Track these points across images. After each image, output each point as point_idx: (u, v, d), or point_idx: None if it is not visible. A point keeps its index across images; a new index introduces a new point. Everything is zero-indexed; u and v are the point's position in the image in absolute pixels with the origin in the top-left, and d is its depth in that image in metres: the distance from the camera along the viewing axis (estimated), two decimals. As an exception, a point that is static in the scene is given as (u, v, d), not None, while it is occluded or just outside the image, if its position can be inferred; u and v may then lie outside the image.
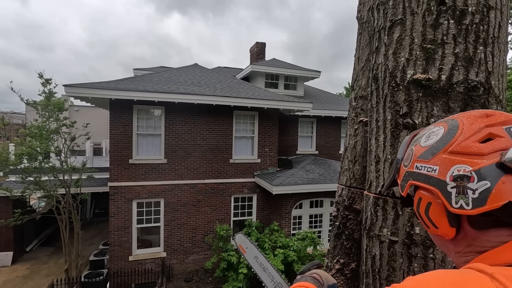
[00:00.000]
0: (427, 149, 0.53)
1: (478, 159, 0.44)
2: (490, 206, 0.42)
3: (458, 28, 0.86)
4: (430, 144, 0.53)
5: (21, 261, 10.10)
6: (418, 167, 0.53)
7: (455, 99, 0.86)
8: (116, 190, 8.13)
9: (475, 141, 0.46)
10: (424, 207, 0.52)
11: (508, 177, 0.41)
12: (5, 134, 12.98)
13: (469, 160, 0.45)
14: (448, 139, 0.50)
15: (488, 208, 0.42)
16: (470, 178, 0.44)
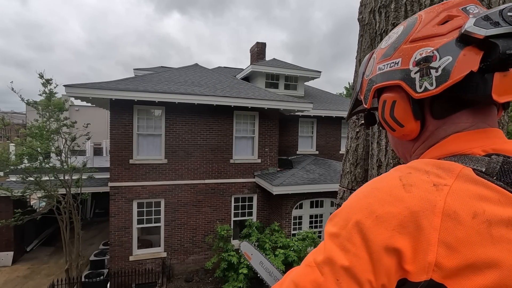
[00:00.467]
0: (388, 47, 0.53)
1: (439, 39, 0.45)
2: (453, 79, 0.42)
3: (461, 32, 0.86)
4: (391, 41, 0.53)
5: (22, 261, 10.10)
6: (381, 68, 0.53)
7: (458, 103, 0.86)
8: (116, 190, 8.13)
9: (434, 25, 0.47)
10: (389, 110, 0.52)
11: (468, 49, 0.42)
12: (5, 134, 12.99)
13: (430, 42, 0.46)
14: (409, 30, 0.50)
15: (451, 82, 0.42)
16: (433, 57, 0.44)
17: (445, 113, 0.48)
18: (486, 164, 0.40)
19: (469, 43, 0.42)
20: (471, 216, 0.34)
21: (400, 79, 0.48)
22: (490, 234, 0.33)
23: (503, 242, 0.33)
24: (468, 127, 0.46)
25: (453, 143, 0.46)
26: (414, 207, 0.36)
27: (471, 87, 0.43)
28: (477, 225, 0.34)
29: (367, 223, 0.38)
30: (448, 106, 0.47)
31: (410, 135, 0.52)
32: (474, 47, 0.42)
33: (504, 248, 0.33)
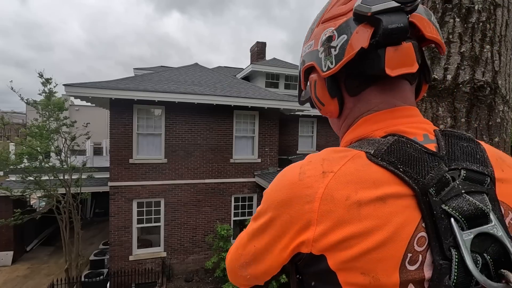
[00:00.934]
0: (308, 29, 0.56)
1: (340, 19, 0.47)
2: (347, 56, 0.44)
3: (464, 27, 0.84)
4: (311, 24, 0.56)
5: (22, 260, 10.10)
6: (305, 50, 0.55)
7: (461, 99, 0.84)
8: (116, 189, 8.11)
9: (339, 5, 0.49)
10: (313, 90, 0.54)
11: (361, 27, 0.43)
12: (5, 133, 12.99)
13: (333, 22, 0.48)
14: (321, 12, 0.52)
15: (346, 60, 0.44)
16: (333, 37, 0.46)
17: (356, 90, 0.50)
18: (376, 146, 0.42)
19: (362, 21, 0.44)
20: (344, 199, 0.38)
21: (313, 60, 0.51)
22: (359, 213, 0.38)
23: (369, 219, 0.37)
24: (378, 104, 0.48)
25: (360, 127, 0.49)
26: (302, 194, 0.41)
27: (368, 63, 0.45)
28: (349, 206, 0.38)
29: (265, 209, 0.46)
30: (357, 82, 0.49)
31: (333, 113, 0.54)
32: (367, 24, 0.43)
33: (369, 223, 0.37)
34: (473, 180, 0.39)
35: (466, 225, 0.36)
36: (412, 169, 0.39)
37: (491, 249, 0.36)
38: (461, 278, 0.34)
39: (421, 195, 0.38)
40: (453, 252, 0.35)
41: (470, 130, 0.84)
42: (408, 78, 0.49)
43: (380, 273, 0.37)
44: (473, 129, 0.84)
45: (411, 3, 0.42)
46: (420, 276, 0.36)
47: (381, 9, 0.41)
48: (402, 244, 0.37)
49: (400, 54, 0.43)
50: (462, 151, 0.42)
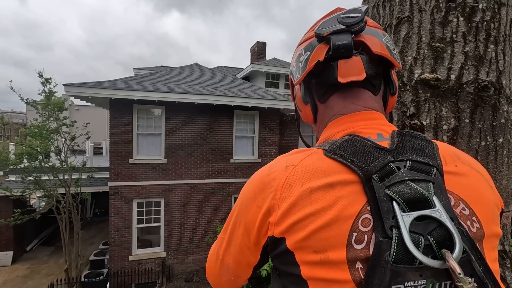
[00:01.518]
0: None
1: (308, 41, 0.57)
2: (308, 68, 0.54)
3: (468, 26, 0.83)
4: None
5: (21, 260, 10.10)
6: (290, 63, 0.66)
7: (465, 99, 0.83)
8: (116, 189, 8.11)
9: (311, 31, 0.59)
10: (295, 97, 0.66)
11: (320, 45, 0.54)
12: (5, 133, 12.99)
13: (304, 44, 0.58)
14: (301, 37, 0.63)
15: (307, 71, 0.54)
16: (301, 55, 0.57)
17: (324, 97, 0.59)
18: (331, 144, 0.49)
19: (321, 41, 0.54)
20: (299, 186, 0.45)
21: (291, 73, 0.63)
22: (310, 197, 0.43)
23: (318, 202, 0.43)
24: (341, 109, 0.57)
25: (327, 130, 0.58)
26: (268, 185, 0.48)
27: (326, 73, 0.54)
28: (302, 192, 0.44)
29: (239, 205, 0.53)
30: (323, 91, 0.58)
31: (308, 118, 0.63)
32: (324, 43, 0.53)
33: (318, 206, 0.42)
34: (418, 170, 0.44)
35: (407, 207, 0.40)
36: (358, 160, 0.45)
37: (435, 232, 0.39)
38: (400, 255, 0.37)
39: (366, 180, 0.43)
40: (394, 231, 0.38)
41: (474, 130, 0.83)
42: (368, 88, 0.57)
43: (329, 251, 0.41)
44: (477, 130, 0.83)
45: (355, 25, 0.51)
46: (366, 254, 0.40)
47: (331, 30, 0.52)
48: (347, 224, 0.41)
49: (350, 65, 0.52)
50: (412, 147, 0.47)
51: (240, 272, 0.57)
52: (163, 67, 15.21)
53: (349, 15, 0.52)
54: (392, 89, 0.59)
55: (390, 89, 0.59)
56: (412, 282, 0.37)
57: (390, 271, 0.37)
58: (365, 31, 0.53)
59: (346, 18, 0.52)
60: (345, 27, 0.51)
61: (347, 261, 0.40)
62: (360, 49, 0.53)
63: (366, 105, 0.56)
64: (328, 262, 0.41)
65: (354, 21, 0.51)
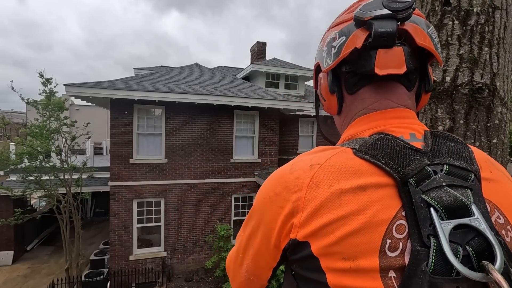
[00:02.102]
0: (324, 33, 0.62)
1: (344, 24, 0.52)
2: (342, 54, 0.49)
3: (463, 29, 0.85)
4: None
5: (22, 260, 10.11)
6: (317, 51, 0.61)
7: (460, 101, 0.85)
8: (116, 189, 8.12)
9: (346, 13, 0.54)
10: (319, 86, 0.61)
11: (358, 30, 0.48)
12: (5, 133, 12.98)
13: (338, 27, 0.53)
14: (333, 20, 0.58)
15: (341, 57, 0.50)
16: (334, 39, 0.52)
17: (353, 88, 0.54)
18: (361, 143, 0.46)
19: (360, 26, 0.48)
20: (327, 187, 0.41)
21: (319, 59, 0.58)
22: (340, 200, 0.40)
23: (349, 205, 0.40)
24: (372, 103, 0.52)
25: (353, 126, 0.54)
26: (291, 184, 0.44)
27: (361, 63, 0.49)
28: (331, 193, 0.41)
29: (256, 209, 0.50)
30: (354, 81, 0.53)
31: (332, 109, 0.59)
32: (363, 29, 0.48)
33: (348, 209, 0.40)
34: (456, 175, 0.41)
35: (446, 215, 0.37)
36: (393, 161, 0.42)
37: (473, 241, 0.36)
38: (439, 265, 0.35)
39: (402, 184, 0.40)
40: (431, 240, 0.36)
41: (468, 131, 0.85)
42: (404, 83, 0.52)
43: (360, 258, 0.38)
44: (472, 131, 0.84)
45: (403, 12, 0.46)
46: (401, 263, 0.37)
47: (374, 15, 0.46)
48: (380, 230, 0.38)
49: (390, 56, 0.47)
50: (447, 150, 0.44)
51: (259, 273, 0.53)
52: (163, 67, 15.22)
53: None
54: (428, 86, 0.55)
55: (426, 86, 0.55)
56: None
57: (427, 283, 0.34)
58: (410, 19, 0.48)
59: (393, 3, 0.46)
60: (391, 13, 0.45)
61: (380, 270, 0.37)
62: (403, 39, 0.48)
63: (400, 102, 0.52)
64: (359, 270, 0.38)
65: (402, 6, 0.45)
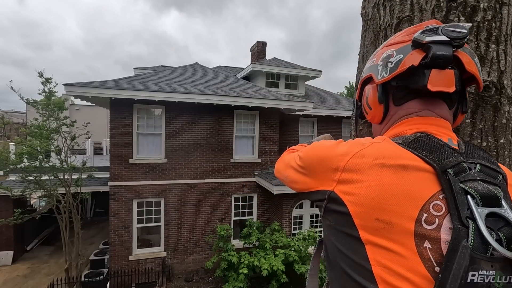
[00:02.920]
0: (373, 53, 0.69)
1: (402, 44, 0.59)
2: (399, 69, 0.56)
3: (469, 26, 0.83)
4: (377, 49, 0.68)
5: (22, 260, 10.10)
6: (366, 66, 0.68)
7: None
8: (116, 189, 8.11)
9: (403, 36, 0.61)
10: (366, 96, 0.68)
11: (416, 51, 0.55)
12: (5, 133, 12.98)
13: (396, 46, 0.60)
14: (388, 40, 0.66)
15: (398, 72, 0.56)
16: (391, 55, 0.59)
17: (401, 100, 0.61)
18: (404, 138, 0.54)
19: (417, 47, 0.55)
20: (372, 159, 0.50)
21: (372, 72, 0.64)
22: (380, 171, 0.48)
23: (388, 177, 0.47)
24: (415, 112, 0.59)
25: (397, 127, 0.61)
26: (343, 152, 0.54)
27: (414, 79, 0.56)
28: (374, 164, 0.49)
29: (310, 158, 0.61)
30: (402, 94, 0.61)
31: (377, 117, 0.66)
32: (420, 50, 0.55)
33: (386, 180, 0.47)
34: (487, 173, 0.47)
35: (481, 202, 0.43)
36: (432, 155, 0.49)
37: (504, 229, 0.41)
38: (477, 243, 0.40)
39: (441, 173, 0.46)
40: (470, 222, 0.41)
41: (475, 131, 0.82)
42: (447, 102, 0.59)
43: (395, 221, 0.44)
44: (478, 130, 0.82)
45: (458, 40, 0.52)
46: (436, 236, 0.43)
47: (433, 39, 0.53)
48: (418, 203, 0.44)
49: (443, 76, 0.53)
50: (479, 155, 0.51)
51: (294, 185, 0.65)
52: (163, 67, 15.19)
53: (454, 29, 0.53)
54: (465, 108, 0.62)
55: (463, 107, 0.62)
56: (484, 271, 0.39)
57: (469, 257, 0.39)
58: (462, 48, 0.55)
59: (451, 32, 0.52)
60: (449, 40, 0.52)
61: (415, 235, 0.43)
62: (454, 64, 0.54)
63: (441, 115, 0.59)
64: (391, 231, 0.44)
65: (459, 36, 0.52)
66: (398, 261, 0.43)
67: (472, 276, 0.39)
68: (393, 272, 0.43)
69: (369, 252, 0.45)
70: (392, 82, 0.60)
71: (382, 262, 0.44)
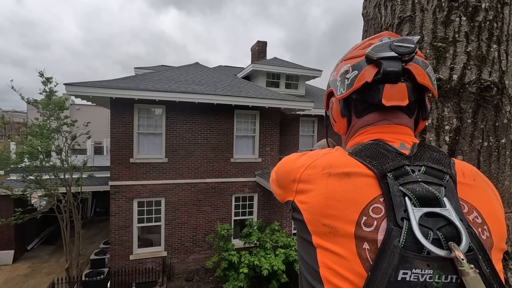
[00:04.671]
0: (336, 63, 0.70)
1: (357, 59, 0.61)
2: (355, 86, 0.58)
3: (471, 26, 0.83)
4: (339, 59, 0.70)
5: (22, 259, 10.11)
6: (329, 78, 0.71)
7: (467, 99, 0.83)
8: (117, 189, 8.11)
9: (359, 49, 0.63)
10: (331, 109, 0.71)
11: (369, 67, 0.57)
12: (6, 133, 12.99)
13: (352, 60, 0.62)
14: (346, 53, 0.67)
15: (353, 89, 0.59)
16: (348, 71, 0.61)
17: (361, 113, 0.63)
18: (353, 148, 0.57)
19: (370, 63, 0.57)
20: (321, 168, 0.54)
21: (333, 87, 0.67)
22: (327, 179, 0.52)
23: (334, 185, 0.51)
24: (373, 122, 0.62)
25: (357, 137, 0.64)
26: (300, 164, 0.59)
27: (370, 94, 0.58)
28: (322, 173, 0.54)
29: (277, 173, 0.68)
30: (362, 107, 0.63)
31: (342, 129, 0.69)
32: (373, 66, 0.56)
33: (332, 187, 0.50)
34: (432, 174, 0.49)
35: (418, 203, 0.45)
36: (375, 161, 0.51)
37: (444, 228, 0.43)
38: (409, 242, 0.42)
39: (381, 177, 0.49)
40: (404, 222, 0.43)
41: (476, 131, 0.82)
42: (405, 112, 0.61)
43: (338, 226, 0.47)
44: (480, 130, 0.82)
45: (407, 55, 0.54)
46: (373, 237, 0.45)
47: (383, 56, 0.55)
48: (358, 207, 0.47)
49: (395, 90, 0.55)
50: (429, 156, 0.52)
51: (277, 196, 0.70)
52: (163, 67, 15.19)
53: (402, 44, 0.55)
54: (425, 115, 0.64)
55: (423, 114, 0.64)
56: (419, 270, 0.40)
57: (399, 255, 0.40)
58: (414, 60, 0.57)
59: (399, 47, 0.54)
60: (397, 55, 0.54)
61: (355, 237, 0.45)
62: (406, 76, 0.56)
63: (399, 122, 0.61)
64: (337, 235, 0.47)
65: (407, 51, 0.54)
66: (340, 263, 0.46)
67: (403, 274, 0.40)
68: (336, 273, 0.46)
69: (319, 255, 0.49)
70: (352, 96, 0.62)
71: (328, 264, 0.47)
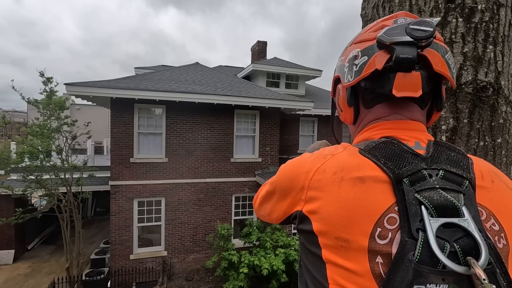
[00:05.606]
0: (344, 47, 0.65)
1: (367, 43, 0.55)
2: (363, 74, 0.53)
3: (467, 27, 0.84)
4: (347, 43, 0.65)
5: (23, 259, 10.13)
6: (337, 63, 0.65)
7: (463, 100, 0.84)
8: (117, 188, 8.12)
9: (370, 32, 0.57)
10: (337, 96, 0.66)
11: (380, 52, 0.52)
12: (6, 132, 12.98)
13: (361, 44, 0.56)
14: (356, 35, 0.61)
15: (361, 76, 0.54)
16: (357, 57, 0.55)
17: (370, 103, 0.59)
18: (367, 144, 0.52)
19: (382, 48, 0.51)
20: (332, 173, 0.49)
21: (340, 73, 0.61)
22: (340, 185, 0.47)
23: (347, 191, 0.46)
24: (385, 115, 0.57)
25: (366, 132, 0.59)
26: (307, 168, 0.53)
27: (380, 83, 0.53)
28: (334, 178, 0.48)
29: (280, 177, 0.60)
30: (371, 97, 0.58)
31: (348, 119, 0.64)
32: (385, 51, 0.51)
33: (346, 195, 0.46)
34: (450, 180, 0.45)
35: (435, 213, 0.41)
36: (391, 162, 0.47)
37: (461, 240, 0.39)
38: (424, 256, 0.38)
39: (396, 182, 0.44)
40: (420, 234, 0.39)
41: (472, 130, 0.83)
42: (418, 103, 0.56)
43: (351, 238, 0.43)
44: (476, 130, 0.83)
45: (424, 41, 0.48)
46: (388, 250, 0.41)
47: (397, 41, 0.49)
48: (373, 218, 0.43)
49: (408, 80, 0.50)
50: (447, 158, 0.48)
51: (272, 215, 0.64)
52: (163, 66, 15.20)
53: (419, 27, 0.49)
54: (440, 106, 0.59)
55: (438, 106, 0.59)
56: (434, 285, 0.37)
57: (413, 270, 0.38)
58: (431, 45, 0.51)
59: (415, 31, 0.48)
60: (413, 40, 0.48)
61: (368, 252, 0.42)
62: (421, 64, 0.51)
63: (411, 117, 0.56)
64: (349, 249, 0.43)
65: (424, 35, 0.48)
66: (352, 279, 0.42)
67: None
68: None
69: (329, 271, 0.45)
70: (360, 83, 0.57)
71: (338, 281, 0.44)
